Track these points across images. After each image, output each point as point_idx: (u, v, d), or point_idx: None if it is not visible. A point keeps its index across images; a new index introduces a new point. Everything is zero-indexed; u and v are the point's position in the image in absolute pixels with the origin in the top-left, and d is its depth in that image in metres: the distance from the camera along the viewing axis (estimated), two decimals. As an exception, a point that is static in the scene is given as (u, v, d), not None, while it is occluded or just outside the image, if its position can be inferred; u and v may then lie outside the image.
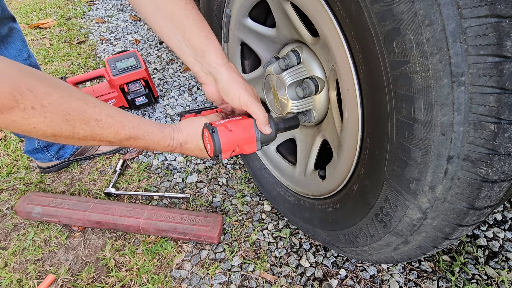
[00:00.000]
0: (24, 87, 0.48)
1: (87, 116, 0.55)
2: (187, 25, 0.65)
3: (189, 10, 0.64)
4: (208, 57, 0.67)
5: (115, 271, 1.05)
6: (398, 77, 0.48)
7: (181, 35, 0.66)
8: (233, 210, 1.24)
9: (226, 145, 0.67)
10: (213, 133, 0.65)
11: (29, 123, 0.50)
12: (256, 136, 0.70)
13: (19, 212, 1.18)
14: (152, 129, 0.65)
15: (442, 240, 0.58)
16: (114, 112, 0.60)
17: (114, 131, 0.60)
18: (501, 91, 0.40)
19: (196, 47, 0.66)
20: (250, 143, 0.70)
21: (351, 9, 0.51)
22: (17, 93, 0.47)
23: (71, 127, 0.54)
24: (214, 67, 0.68)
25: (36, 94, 0.49)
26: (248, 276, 1.04)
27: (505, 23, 0.37)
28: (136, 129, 0.62)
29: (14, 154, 1.47)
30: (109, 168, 1.41)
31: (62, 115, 0.53)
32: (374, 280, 1.01)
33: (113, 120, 0.59)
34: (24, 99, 0.48)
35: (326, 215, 0.85)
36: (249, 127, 0.69)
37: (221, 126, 0.67)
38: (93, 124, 0.56)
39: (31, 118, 0.50)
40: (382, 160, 0.58)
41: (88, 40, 2.35)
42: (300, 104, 0.82)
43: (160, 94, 1.82)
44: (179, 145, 0.70)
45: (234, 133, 0.67)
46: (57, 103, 0.52)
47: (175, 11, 0.64)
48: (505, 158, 0.44)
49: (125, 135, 0.61)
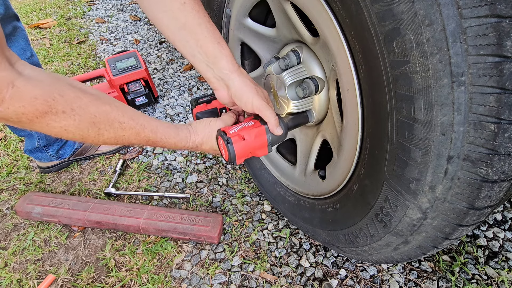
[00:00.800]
0: (55, 93, 0.53)
1: (111, 118, 0.61)
2: (199, 33, 0.67)
3: (201, 19, 0.67)
4: (220, 64, 0.69)
5: (115, 271, 1.05)
6: (398, 77, 0.48)
7: (193, 43, 0.68)
8: (233, 210, 1.24)
9: (240, 154, 0.71)
10: (228, 143, 0.69)
11: (61, 125, 0.56)
12: (268, 141, 0.73)
13: (19, 212, 1.18)
14: (169, 133, 0.70)
15: (442, 240, 0.58)
16: (135, 115, 0.65)
17: (135, 132, 0.65)
18: (501, 91, 0.40)
19: (209, 54, 0.68)
20: (262, 148, 0.74)
21: (351, 9, 0.51)
22: (50, 98, 0.53)
23: (97, 129, 0.59)
24: (225, 73, 0.69)
25: (67, 99, 0.55)
26: (248, 276, 1.04)
27: (505, 23, 0.37)
28: (154, 131, 0.68)
29: (14, 154, 1.47)
30: (109, 168, 1.41)
31: (90, 117, 0.58)
32: (374, 280, 1.01)
33: (134, 123, 0.64)
34: (56, 104, 0.53)
35: (326, 215, 0.85)
36: (261, 135, 0.72)
37: (235, 136, 0.70)
38: (116, 126, 0.62)
39: (63, 121, 0.55)
40: (382, 160, 0.58)
41: (88, 40, 2.35)
42: (300, 104, 0.82)
43: (160, 94, 1.82)
44: (195, 146, 0.75)
45: (247, 141, 0.71)
46: (85, 106, 0.57)
47: (188, 20, 0.66)
48: (505, 158, 0.44)
49: (144, 136, 0.66)
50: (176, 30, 0.67)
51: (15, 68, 0.51)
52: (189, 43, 0.68)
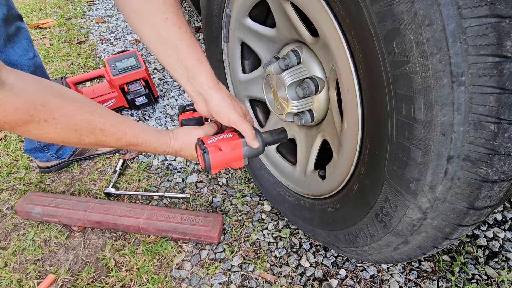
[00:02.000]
0: (38, 103, 0.55)
1: (92, 126, 0.63)
2: (180, 49, 0.69)
3: (183, 35, 0.68)
4: (199, 79, 0.71)
5: (115, 271, 1.05)
6: (398, 77, 0.48)
7: (174, 57, 0.70)
8: (233, 210, 1.24)
9: (216, 164, 0.73)
10: (204, 153, 0.72)
11: (42, 133, 0.58)
12: (244, 154, 0.76)
13: (19, 212, 1.18)
14: (150, 138, 0.73)
15: (442, 240, 0.58)
16: (117, 121, 0.67)
17: (116, 138, 0.67)
18: (501, 91, 0.40)
19: (189, 69, 0.71)
20: (238, 160, 0.76)
21: (351, 9, 0.51)
22: (32, 109, 0.54)
23: (78, 135, 0.62)
24: (204, 89, 0.72)
25: (49, 108, 0.56)
26: (248, 276, 1.04)
27: (505, 23, 0.37)
28: (135, 137, 0.70)
29: (14, 154, 1.47)
30: (109, 168, 1.41)
31: (71, 126, 0.60)
32: (374, 280, 1.01)
33: (115, 129, 0.66)
34: (38, 113, 0.55)
35: (326, 215, 0.85)
36: (238, 147, 0.75)
37: (212, 147, 0.73)
38: (97, 133, 0.64)
39: (44, 128, 0.57)
40: (382, 160, 0.58)
41: (88, 40, 2.35)
42: (300, 104, 0.82)
43: (160, 94, 1.82)
44: (174, 151, 0.78)
45: (223, 153, 0.73)
46: (67, 115, 0.59)
47: (170, 35, 0.68)
48: (505, 158, 0.44)
49: (125, 142, 0.69)
50: (158, 43, 0.69)
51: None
52: (171, 57, 0.70)
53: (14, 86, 0.53)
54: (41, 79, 0.59)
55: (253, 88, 1.08)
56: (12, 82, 0.53)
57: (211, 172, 0.75)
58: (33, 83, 0.56)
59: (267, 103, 0.98)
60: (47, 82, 0.59)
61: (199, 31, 2.38)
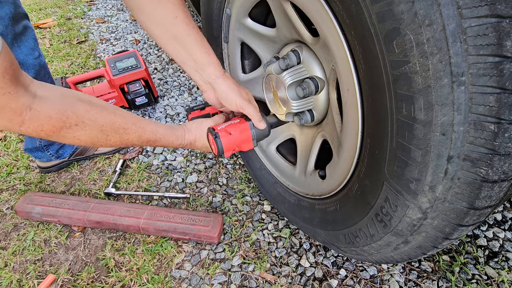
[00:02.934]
0: (69, 110, 0.62)
1: (116, 126, 0.69)
2: (189, 44, 0.75)
3: (191, 30, 0.74)
4: (208, 70, 0.78)
5: (115, 271, 1.05)
6: (398, 77, 0.48)
7: (184, 52, 0.76)
8: (233, 210, 1.24)
9: (228, 147, 0.79)
10: (216, 137, 0.78)
11: (74, 136, 0.64)
12: (252, 136, 0.82)
13: (19, 212, 1.18)
14: (167, 132, 0.80)
15: (442, 240, 0.58)
16: (137, 120, 0.74)
17: (138, 135, 0.74)
18: (501, 91, 0.40)
19: (198, 62, 0.77)
20: (247, 142, 0.82)
21: (351, 9, 0.51)
22: (64, 116, 0.61)
23: (105, 135, 0.68)
24: (213, 78, 0.79)
25: (78, 114, 0.63)
26: (248, 276, 1.04)
27: (505, 23, 0.37)
28: (154, 133, 0.77)
29: (14, 154, 1.47)
30: (109, 168, 1.41)
31: (98, 127, 0.67)
32: (374, 280, 1.01)
33: (136, 127, 0.73)
34: (69, 120, 0.62)
35: (326, 215, 0.85)
36: (246, 130, 0.81)
37: (222, 131, 0.79)
38: (121, 132, 0.71)
39: (76, 132, 0.64)
40: (382, 160, 0.58)
41: (88, 40, 2.35)
42: (300, 104, 0.82)
43: (160, 94, 1.82)
44: (189, 143, 0.84)
45: (233, 136, 0.80)
46: (93, 118, 0.65)
47: (179, 32, 0.74)
48: (505, 158, 0.44)
49: (146, 138, 0.76)
50: (168, 40, 0.76)
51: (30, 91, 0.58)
52: (180, 52, 0.76)
53: (45, 97, 0.59)
54: (62, 88, 0.65)
55: (253, 88, 1.08)
56: (42, 93, 0.59)
57: (224, 155, 0.80)
58: (59, 93, 0.62)
59: (267, 103, 0.98)
60: (69, 91, 0.65)
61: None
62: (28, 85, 0.58)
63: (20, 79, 0.56)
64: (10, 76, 0.54)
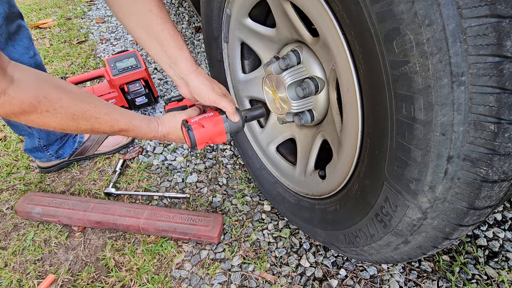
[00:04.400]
0: (41, 96, 0.60)
1: (88, 115, 0.69)
2: (163, 38, 0.77)
3: (164, 25, 0.76)
4: (180, 65, 0.80)
5: (115, 271, 1.05)
6: (398, 77, 0.48)
7: (158, 46, 0.78)
8: (233, 210, 1.24)
9: (200, 139, 0.81)
10: (189, 130, 0.79)
11: (44, 122, 0.64)
12: (226, 129, 0.83)
13: (19, 212, 1.18)
14: (141, 124, 0.80)
15: (442, 240, 0.58)
16: (110, 110, 0.73)
17: (110, 125, 0.73)
18: (501, 91, 0.40)
19: (171, 56, 0.79)
20: (220, 135, 0.84)
21: (351, 9, 0.51)
22: (35, 101, 0.60)
23: (76, 123, 0.68)
24: (185, 74, 0.81)
25: (50, 100, 0.62)
26: (248, 276, 1.04)
27: (505, 23, 0.37)
28: (127, 124, 0.76)
29: (14, 154, 1.47)
30: (109, 168, 1.41)
31: (70, 115, 0.66)
32: (374, 280, 1.01)
33: (109, 117, 0.72)
34: (41, 105, 0.61)
35: (326, 215, 0.85)
36: (219, 122, 0.82)
37: (195, 124, 0.80)
38: (93, 121, 0.70)
39: (46, 118, 0.63)
40: (382, 160, 0.58)
41: (88, 40, 2.35)
42: (300, 104, 0.82)
43: (160, 94, 1.82)
44: (163, 136, 0.85)
45: (206, 129, 0.81)
46: (66, 106, 0.64)
47: (153, 26, 0.76)
48: (505, 158, 0.44)
49: (118, 128, 0.75)
50: (142, 34, 0.77)
51: (7, 75, 0.56)
52: (155, 47, 0.78)
53: (20, 80, 0.58)
54: (40, 72, 0.63)
55: (253, 88, 1.08)
56: (18, 77, 0.58)
57: (197, 147, 0.81)
58: (35, 77, 0.61)
59: (267, 103, 0.98)
60: (45, 75, 0.64)
61: (199, 31, 2.38)
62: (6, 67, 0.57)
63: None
64: None
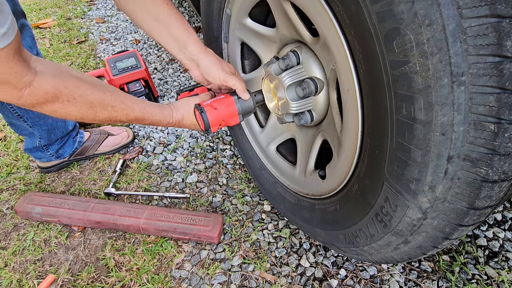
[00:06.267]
0: (61, 86, 0.64)
1: (105, 103, 0.72)
2: (170, 23, 0.79)
3: (171, 10, 0.79)
4: (189, 47, 0.82)
5: (115, 271, 1.05)
6: (398, 77, 0.48)
7: (166, 32, 0.80)
8: (233, 210, 1.24)
9: (214, 121, 0.82)
10: (202, 112, 0.80)
11: (66, 111, 0.68)
12: (238, 110, 0.85)
13: (19, 212, 1.18)
14: (155, 111, 0.82)
15: (442, 240, 0.58)
16: (125, 98, 0.76)
17: (126, 114, 0.76)
18: (501, 91, 0.40)
19: (179, 40, 0.81)
20: (233, 116, 0.85)
21: (351, 9, 0.51)
22: (57, 91, 0.64)
23: (94, 111, 0.71)
24: (195, 54, 0.83)
25: (70, 90, 0.66)
26: (248, 276, 1.04)
27: (505, 23, 0.37)
28: (142, 112, 0.79)
29: (14, 154, 1.47)
30: (109, 168, 1.41)
31: (88, 103, 0.69)
32: (374, 280, 1.01)
33: (125, 106, 0.75)
34: (62, 95, 0.65)
35: (326, 215, 0.85)
36: (231, 104, 0.84)
37: (208, 106, 0.81)
38: (110, 109, 0.73)
39: (67, 107, 0.67)
40: (382, 160, 0.58)
41: (88, 40, 2.35)
42: (299, 105, 0.82)
43: (160, 94, 1.82)
44: (177, 121, 0.86)
45: (219, 110, 0.82)
46: (84, 94, 0.68)
47: (159, 12, 0.78)
48: (505, 158, 0.44)
49: (134, 116, 0.78)
50: (150, 22, 0.79)
51: (32, 68, 0.60)
52: (162, 32, 0.80)
53: (43, 72, 0.62)
54: (58, 64, 0.68)
55: (253, 88, 1.08)
56: (40, 69, 0.62)
57: (211, 129, 0.82)
58: (55, 68, 0.65)
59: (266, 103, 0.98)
60: (63, 66, 0.68)
61: (199, 31, 2.38)
62: (29, 60, 0.60)
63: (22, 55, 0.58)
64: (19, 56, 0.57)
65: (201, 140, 1.54)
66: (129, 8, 0.78)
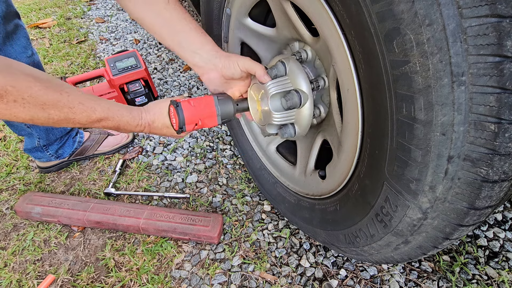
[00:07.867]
0: (8, 85, 0.57)
1: (61, 104, 0.65)
2: (185, 26, 0.77)
3: (184, 14, 0.77)
4: (207, 48, 0.79)
5: (115, 271, 1.05)
6: (398, 77, 0.48)
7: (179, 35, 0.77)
8: (233, 210, 1.24)
9: (189, 118, 0.75)
10: (177, 107, 0.74)
11: (10, 113, 0.60)
12: (217, 111, 0.78)
13: (19, 212, 1.18)
14: (121, 111, 0.75)
15: (442, 240, 0.58)
16: (86, 99, 0.69)
17: (86, 115, 0.69)
18: (501, 91, 0.40)
19: (196, 42, 0.79)
20: (211, 117, 0.78)
21: (351, 9, 0.51)
22: (2, 91, 0.56)
23: (46, 113, 0.64)
24: (213, 54, 0.80)
25: (19, 89, 0.58)
26: (248, 276, 1.04)
27: (505, 22, 0.37)
28: (105, 112, 0.72)
29: (14, 154, 1.47)
30: (109, 168, 1.41)
31: (39, 105, 0.62)
32: (374, 280, 1.01)
33: (84, 107, 0.68)
34: (7, 95, 0.57)
35: (326, 215, 0.85)
36: (210, 103, 0.78)
37: (184, 102, 0.76)
38: (66, 111, 0.66)
39: (13, 109, 0.59)
40: (382, 160, 0.58)
41: (88, 40, 2.35)
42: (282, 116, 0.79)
43: (160, 94, 1.82)
44: (147, 125, 0.79)
45: (196, 108, 0.76)
46: (35, 95, 0.61)
47: (173, 16, 0.75)
48: (506, 158, 0.44)
49: (96, 117, 0.71)
50: (162, 26, 0.76)
51: None
52: (176, 36, 0.77)
53: None
54: (10, 60, 0.61)
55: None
56: None
57: (185, 127, 0.76)
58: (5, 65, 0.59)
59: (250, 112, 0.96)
60: (15, 63, 0.61)
61: (199, 31, 2.38)
62: None
63: None
64: None
65: (201, 140, 1.54)
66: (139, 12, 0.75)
